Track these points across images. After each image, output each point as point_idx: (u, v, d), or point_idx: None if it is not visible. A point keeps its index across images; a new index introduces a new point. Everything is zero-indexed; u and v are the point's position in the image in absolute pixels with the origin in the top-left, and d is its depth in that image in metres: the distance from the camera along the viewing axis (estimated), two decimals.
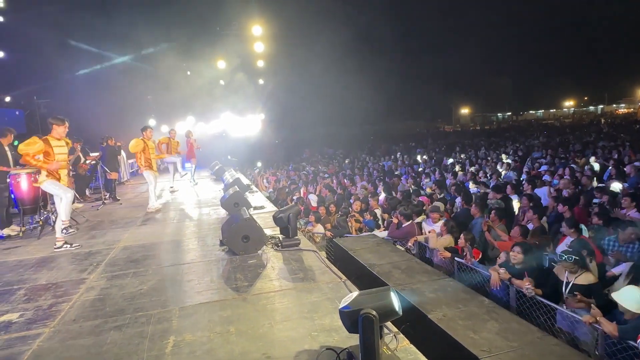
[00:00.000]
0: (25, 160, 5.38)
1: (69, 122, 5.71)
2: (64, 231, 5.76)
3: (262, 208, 7.91)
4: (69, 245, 5.57)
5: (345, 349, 2.50)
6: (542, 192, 8.02)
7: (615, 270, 4.60)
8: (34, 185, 6.25)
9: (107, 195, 10.05)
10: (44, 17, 16.17)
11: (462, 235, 5.55)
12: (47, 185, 5.56)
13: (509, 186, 8.32)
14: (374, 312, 2.16)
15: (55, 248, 5.53)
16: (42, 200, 6.77)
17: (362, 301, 2.23)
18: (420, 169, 14.26)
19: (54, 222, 6.75)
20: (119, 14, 16.08)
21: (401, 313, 2.30)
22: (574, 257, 4.04)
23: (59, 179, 5.60)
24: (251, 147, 20.82)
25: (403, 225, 6.65)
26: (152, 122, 18.27)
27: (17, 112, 17.48)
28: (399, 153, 20.80)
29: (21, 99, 17.72)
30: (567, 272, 4.19)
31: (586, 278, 4.08)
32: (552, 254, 5.01)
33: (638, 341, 3.13)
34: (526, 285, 4.07)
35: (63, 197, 5.62)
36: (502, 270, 4.50)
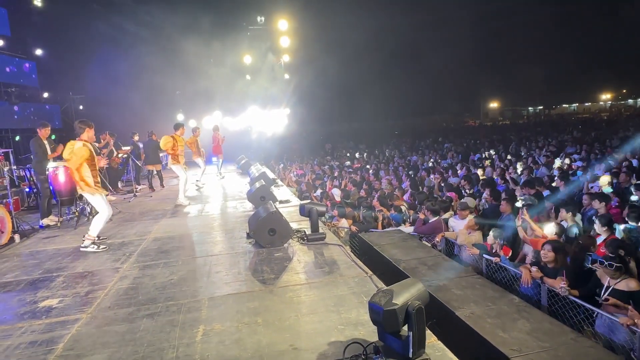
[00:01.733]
0: (72, 174, 5.20)
1: (104, 117, 5.79)
2: (92, 247, 5.27)
3: (287, 202, 7.98)
4: (95, 247, 5.26)
5: (372, 342, 2.50)
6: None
7: None
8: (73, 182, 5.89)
9: (138, 188, 10.37)
10: (79, 15, 16.76)
11: (491, 232, 5.42)
12: (92, 198, 5.35)
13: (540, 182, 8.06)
14: (419, 302, 2.14)
15: (81, 247, 5.27)
16: (78, 193, 7.05)
17: (402, 296, 2.20)
18: (446, 165, 14.00)
19: (89, 213, 7.05)
20: (150, 11, 16.47)
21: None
22: (615, 264, 3.86)
23: (99, 189, 5.37)
24: (277, 141, 20.99)
25: (430, 221, 6.56)
26: (180, 117, 18.68)
27: (53, 107, 18.26)
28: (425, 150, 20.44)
29: (57, 94, 18.47)
30: (609, 277, 4.01)
31: (627, 284, 3.88)
32: (595, 255, 4.81)
33: None
34: (561, 285, 3.93)
35: (100, 212, 5.37)
36: (534, 269, 4.38)
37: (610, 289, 3.94)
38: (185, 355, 2.74)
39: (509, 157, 14.25)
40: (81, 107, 18.67)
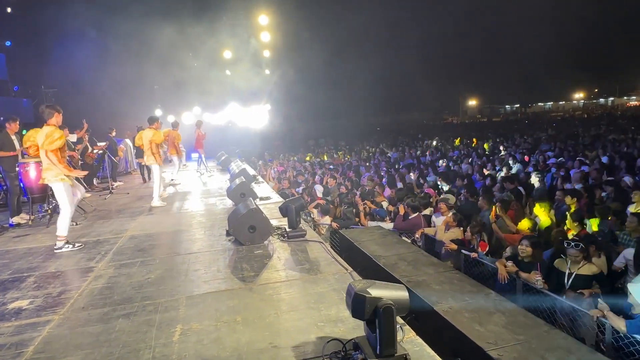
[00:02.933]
0: (48, 158, 4.89)
1: (78, 111, 5.61)
2: (67, 247, 5.08)
3: (268, 199, 7.93)
4: (71, 246, 5.09)
5: (352, 339, 2.51)
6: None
7: (617, 263, 4.57)
8: (41, 182, 5.44)
9: (114, 185, 10.13)
10: (50, 7, 16.17)
11: (468, 228, 5.52)
12: (56, 187, 5.07)
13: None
14: (393, 303, 2.15)
15: (55, 249, 5.04)
16: (51, 189, 6.82)
17: (379, 291, 2.21)
18: (426, 161, 14.18)
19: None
20: (126, 4, 16.03)
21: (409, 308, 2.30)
22: (580, 244, 4.05)
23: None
24: (258, 137, 20.82)
25: (410, 217, 6.63)
26: (158, 112, 18.29)
27: (24, 101, 17.60)
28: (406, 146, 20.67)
29: (28, 87, 17.81)
30: (569, 263, 4.19)
31: (589, 269, 4.11)
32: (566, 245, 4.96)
33: None
34: (536, 278, 4.05)
35: (64, 208, 5.08)
36: (509, 263, 4.49)
37: (573, 275, 4.11)
38: (162, 355, 2.69)
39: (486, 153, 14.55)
40: (54, 100, 18.07)
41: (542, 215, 6.05)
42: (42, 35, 16.11)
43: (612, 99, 70.20)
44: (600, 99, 73.08)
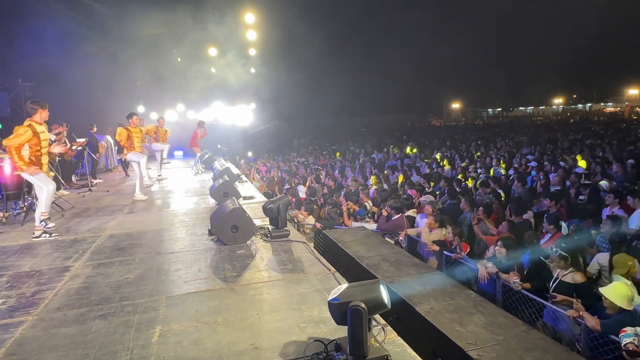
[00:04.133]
0: (10, 153, 5.12)
1: (56, 106, 5.54)
2: (43, 223, 5.44)
3: (251, 198, 7.86)
4: (47, 235, 5.35)
5: (333, 340, 2.50)
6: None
7: (590, 269, 4.66)
8: (15, 173, 5.91)
9: (94, 182, 9.90)
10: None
11: (450, 229, 5.59)
12: (36, 177, 5.32)
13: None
14: (363, 305, 2.16)
15: (33, 237, 5.32)
16: (27, 186, 6.62)
17: (351, 293, 2.23)
18: (410, 162, 14.31)
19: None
20: None
21: (390, 306, 2.31)
22: (560, 251, 4.10)
23: (40, 167, 5.33)
24: (242, 136, 20.67)
25: (393, 218, 6.68)
26: (141, 109, 17.97)
27: (0, 95, 17.02)
28: (391, 146, 20.84)
29: (5, 81, 17.23)
30: (559, 268, 4.24)
31: (573, 277, 4.12)
32: (549, 250, 5.06)
33: (620, 335, 3.20)
34: (514, 279, 4.12)
35: (44, 188, 5.40)
36: (489, 264, 4.55)
37: (557, 281, 4.17)
38: (140, 357, 2.63)
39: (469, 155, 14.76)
40: (31, 95, 17.53)
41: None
42: (17, 26, 15.60)
43: (589, 104, 72.23)
44: (579, 105, 75.10)
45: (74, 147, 10.14)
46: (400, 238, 6.25)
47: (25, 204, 6.55)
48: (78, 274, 4.09)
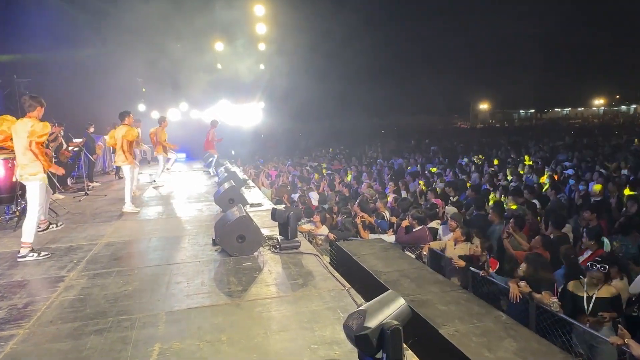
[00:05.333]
0: (37, 151, 4.96)
1: (53, 104, 5.59)
2: (31, 255, 4.96)
3: (259, 205, 7.90)
4: (36, 254, 4.96)
5: None
6: None
7: (633, 290, 4.54)
8: (14, 179, 5.76)
9: (91, 186, 10.07)
10: None
11: (478, 243, 5.52)
12: (31, 186, 5.08)
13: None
14: (397, 322, 2.11)
15: (18, 257, 4.92)
16: (20, 189, 6.75)
17: (376, 314, 2.16)
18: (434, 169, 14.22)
19: None
20: None
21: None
22: (606, 266, 4.04)
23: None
24: (250, 138, 20.83)
25: (413, 230, 6.62)
26: (141, 107, 18.25)
27: None
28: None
29: (0, 77, 17.69)
30: (586, 285, 4.19)
31: (608, 290, 4.11)
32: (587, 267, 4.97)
33: None
34: (552, 300, 4.04)
35: (30, 211, 5.03)
36: (522, 283, 4.48)
37: (594, 299, 4.10)
38: None
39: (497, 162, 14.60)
40: (27, 92, 17.96)
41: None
42: (14, 19, 15.98)
43: (634, 106, 70.84)
44: (622, 106, 73.73)
45: (70, 148, 10.34)
46: (424, 252, 6.19)
47: (18, 208, 6.68)
48: (72, 285, 4.15)
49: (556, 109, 79.53)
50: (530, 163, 13.11)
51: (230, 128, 19.63)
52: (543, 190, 8.97)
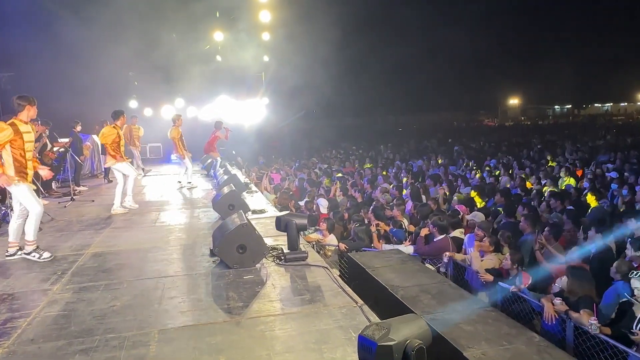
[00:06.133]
0: None
1: (40, 100, 5.63)
2: (34, 255, 5.36)
3: (262, 212, 7.92)
4: (38, 255, 5.34)
5: None
6: None
7: None
8: None
9: (77, 190, 10.18)
10: None
11: (508, 255, 5.46)
12: (17, 190, 5.27)
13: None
14: (421, 341, 2.10)
15: (7, 255, 5.32)
16: (0, 194, 6.86)
17: (400, 330, 2.16)
18: (458, 172, 14.15)
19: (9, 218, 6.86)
20: None
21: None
22: None
23: (25, 177, 5.31)
24: (252, 137, 20.92)
25: (434, 240, 6.59)
26: (133, 104, 18.42)
27: None
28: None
29: None
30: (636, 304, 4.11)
31: None
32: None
33: None
34: (591, 321, 3.98)
35: (31, 211, 5.35)
36: (557, 301, 4.42)
37: None
38: None
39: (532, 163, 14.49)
40: (9, 87, 18.22)
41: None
42: None
43: None
44: None
45: (55, 149, 10.47)
46: (445, 260, 6.15)
47: None
48: (56, 299, 4.19)
49: (596, 104, 78.72)
50: (554, 164, 13.00)
51: (231, 126, 19.75)
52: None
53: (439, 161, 17.49)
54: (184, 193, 10.42)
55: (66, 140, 11.17)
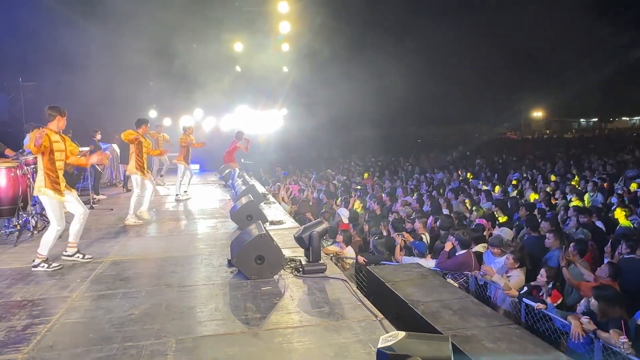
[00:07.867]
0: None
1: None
2: (42, 265, 5.39)
3: (280, 223, 7.94)
4: (46, 266, 5.36)
5: None
6: None
7: None
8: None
9: (97, 199, 10.36)
10: None
11: (542, 271, 5.37)
12: (46, 202, 5.46)
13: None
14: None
15: (33, 266, 5.38)
16: (22, 200, 7.00)
17: (411, 346, 2.16)
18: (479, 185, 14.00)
19: (34, 227, 7.01)
20: None
21: None
22: None
23: (60, 191, 5.48)
24: (271, 148, 21.08)
25: (457, 254, 6.52)
26: (152, 114, 18.73)
27: None
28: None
29: (3, 80, 18.51)
30: None
31: None
32: None
33: None
34: (622, 339, 3.88)
35: (51, 226, 5.46)
36: (585, 319, 4.32)
37: None
38: None
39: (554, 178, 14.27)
40: (32, 96, 18.69)
41: None
42: (20, 19, 16.73)
43: None
44: None
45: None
46: (475, 274, 6.08)
47: (20, 221, 6.93)
48: (75, 307, 4.25)
49: (624, 118, 77.27)
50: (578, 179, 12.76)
51: (250, 136, 19.94)
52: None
53: (460, 174, 17.34)
54: (199, 203, 10.51)
55: (86, 148, 11.39)
